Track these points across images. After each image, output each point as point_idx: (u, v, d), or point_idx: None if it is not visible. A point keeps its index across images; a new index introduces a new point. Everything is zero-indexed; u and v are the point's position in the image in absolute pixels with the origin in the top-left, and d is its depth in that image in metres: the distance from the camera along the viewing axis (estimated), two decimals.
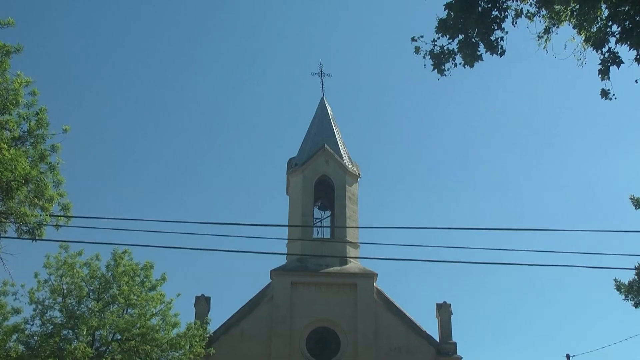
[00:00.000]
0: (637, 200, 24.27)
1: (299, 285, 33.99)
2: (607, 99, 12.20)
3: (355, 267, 34.84)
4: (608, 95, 12.23)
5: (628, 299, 24.23)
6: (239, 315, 33.73)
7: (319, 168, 37.27)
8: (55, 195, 16.83)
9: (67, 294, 24.35)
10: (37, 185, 16.34)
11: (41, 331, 23.64)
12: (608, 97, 12.21)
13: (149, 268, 25.92)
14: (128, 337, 23.59)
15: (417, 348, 33.19)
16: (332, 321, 33.49)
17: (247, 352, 32.38)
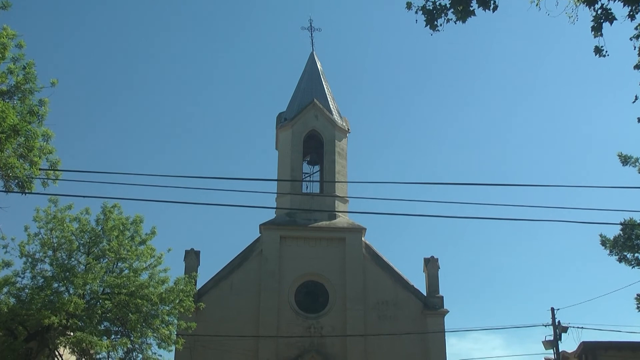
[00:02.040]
0: (625, 157, 24.46)
1: (288, 239, 34.23)
2: (600, 56, 12.19)
3: (343, 222, 35.08)
4: (601, 52, 12.22)
5: (613, 254, 24.61)
6: (228, 269, 34.02)
7: (308, 123, 37.21)
8: (45, 146, 16.78)
9: (58, 248, 24.40)
10: (26, 138, 16.29)
11: (32, 284, 23.75)
12: (601, 54, 12.20)
13: (138, 222, 25.94)
14: (119, 292, 23.73)
15: (404, 302, 33.67)
16: (320, 275, 33.85)
17: (237, 305, 32.75)
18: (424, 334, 32.59)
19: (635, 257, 24.49)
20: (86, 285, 23.15)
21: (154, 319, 24.28)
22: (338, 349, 32.23)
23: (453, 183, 29.18)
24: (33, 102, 16.70)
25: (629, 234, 24.24)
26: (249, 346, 31.64)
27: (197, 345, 30.09)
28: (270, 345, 31.77)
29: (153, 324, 24.02)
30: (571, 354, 33.57)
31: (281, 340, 31.99)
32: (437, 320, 33.21)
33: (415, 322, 33.09)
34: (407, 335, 32.21)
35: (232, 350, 30.99)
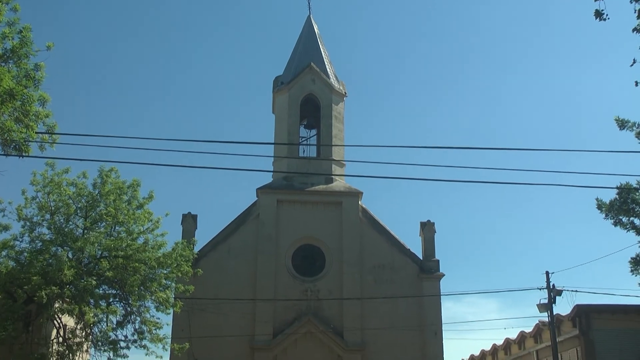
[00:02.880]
0: (622, 121, 24.46)
1: (285, 203, 34.31)
2: (600, 20, 12.08)
3: (340, 186, 35.14)
4: (601, 15, 12.11)
5: (608, 218, 24.77)
6: (225, 232, 34.14)
7: (305, 86, 37.03)
8: (41, 111, 16.69)
9: (55, 211, 24.42)
10: (23, 102, 16.20)
11: (30, 247, 23.83)
12: (601, 18, 12.10)
13: (135, 186, 25.92)
14: (116, 255, 23.81)
15: (400, 265, 33.90)
16: (317, 239, 34.01)
17: (234, 269, 32.95)
18: (419, 297, 32.88)
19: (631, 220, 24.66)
20: (84, 249, 23.21)
21: (152, 283, 24.41)
22: (334, 312, 32.53)
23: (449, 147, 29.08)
24: (29, 66, 16.56)
25: (625, 198, 24.38)
26: (246, 309, 31.89)
27: (194, 309, 30.35)
28: (267, 308, 32.05)
29: (151, 287, 24.16)
30: (565, 316, 34.00)
31: (278, 303, 32.26)
32: (432, 283, 33.49)
33: (411, 286, 33.35)
34: (403, 298, 32.50)
35: (230, 313, 31.26)
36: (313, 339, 31.92)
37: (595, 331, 32.22)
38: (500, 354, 44.79)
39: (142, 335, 24.69)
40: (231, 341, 31.16)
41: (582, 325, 32.38)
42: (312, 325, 31.88)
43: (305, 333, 31.91)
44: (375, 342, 32.08)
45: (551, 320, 31.24)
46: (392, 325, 31.98)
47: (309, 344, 31.93)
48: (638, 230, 24.51)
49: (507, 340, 43.55)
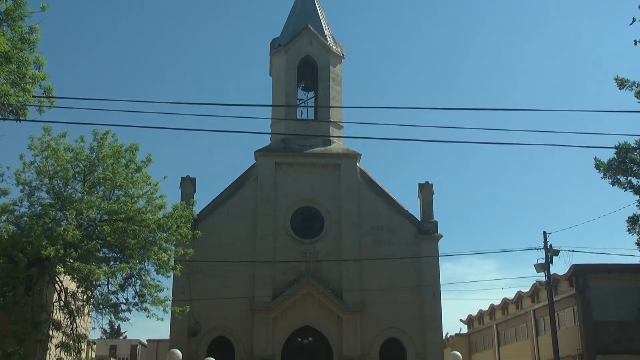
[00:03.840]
0: (622, 81, 24.33)
1: (283, 165, 34.32)
2: None
3: (338, 148, 35.12)
4: None
5: (606, 177, 24.77)
6: (224, 195, 34.21)
7: (302, 48, 36.74)
8: (37, 74, 16.53)
9: (54, 176, 24.36)
10: (18, 65, 16.03)
11: (30, 212, 23.83)
12: None
13: (133, 150, 25.81)
14: (116, 218, 23.83)
15: (399, 227, 34.05)
16: (316, 201, 34.09)
17: (233, 231, 33.08)
18: (418, 258, 33.10)
19: (628, 180, 24.69)
20: (83, 213, 23.22)
21: (152, 246, 24.48)
22: (333, 273, 32.77)
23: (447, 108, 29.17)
24: (24, 28, 16.34)
25: (623, 158, 24.36)
26: (246, 271, 32.12)
27: (194, 271, 30.56)
28: (266, 270, 32.27)
29: (151, 250, 24.24)
30: (562, 276, 34.30)
31: (277, 265, 32.47)
32: (431, 244, 33.69)
33: (409, 247, 33.55)
34: (401, 259, 32.72)
35: (229, 275, 31.50)
36: (312, 301, 32.21)
37: (591, 290, 32.55)
38: (498, 314, 45.29)
39: (143, 297, 24.81)
40: (231, 303, 31.46)
41: (579, 285, 32.69)
42: (312, 287, 32.14)
43: (305, 294, 32.19)
44: (374, 303, 32.39)
45: (548, 280, 31.50)
46: (390, 286, 32.26)
47: (308, 306, 32.24)
48: (636, 190, 24.55)
49: (504, 300, 43.99)
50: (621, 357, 31.14)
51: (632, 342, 31.53)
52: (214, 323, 31.78)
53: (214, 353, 29.75)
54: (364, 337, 32.07)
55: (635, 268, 32.52)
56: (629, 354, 31.25)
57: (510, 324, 42.28)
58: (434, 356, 30.90)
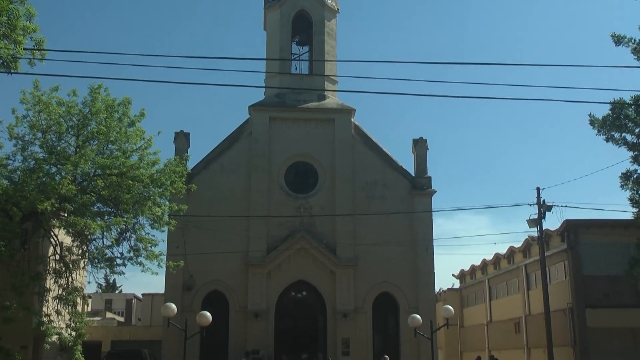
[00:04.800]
0: (618, 37, 24.12)
1: (278, 120, 34.20)
2: None
3: (333, 103, 34.98)
4: None
5: (600, 134, 24.73)
6: (218, 150, 34.15)
7: (297, 2, 36.29)
8: (28, 25, 16.29)
9: (47, 130, 24.16)
10: (9, 17, 15.79)
11: (23, 166, 23.70)
12: None
13: (126, 104, 25.57)
14: (110, 173, 23.75)
15: (393, 182, 34.14)
16: (310, 156, 34.09)
17: (227, 186, 33.13)
18: (411, 213, 33.26)
19: (623, 136, 24.65)
20: (77, 167, 23.13)
21: (146, 201, 24.46)
22: (327, 228, 32.95)
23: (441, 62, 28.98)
24: None
25: (618, 114, 24.29)
26: (240, 226, 32.26)
27: (189, 226, 30.65)
28: (261, 225, 32.41)
29: (145, 205, 24.23)
30: (554, 231, 34.54)
31: (272, 220, 32.62)
32: (424, 200, 33.84)
33: (403, 202, 33.70)
34: (395, 214, 32.88)
35: (224, 230, 31.62)
36: (306, 255, 32.45)
37: (582, 245, 32.82)
38: (490, 269, 45.71)
39: (137, 252, 24.87)
40: (225, 258, 31.67)
41: (570, 240, 32.95)
42: (306, 242, 32.35)
43: (299, 249, 32.41)
44: (368, 258, 32.67)
45: (540, 235, 31.73)
46: (384, 241, 32.48)
47: (302, 260, 32.50)
48: (630, 146, 24.53)
49: (496, 255, 44.36)
50: (610, 311, 31.58)
51: (621, 297, 31.95)
52: (209, 277, 32.05)
53: (209, 307, 30.01)
54: (357, 291, 32.42)
55: (627, 223, 32.71)
56: (618, 308, 31.70)
57: (502, 279, 42.70)
58: (426, 310, 31.26)
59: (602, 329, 31.54)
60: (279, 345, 31.43)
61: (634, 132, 24.75)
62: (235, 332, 31.68)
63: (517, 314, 39.41)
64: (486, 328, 44.41)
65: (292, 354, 30.15)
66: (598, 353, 30.90)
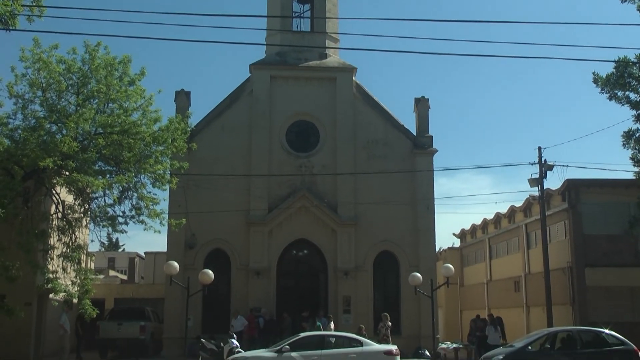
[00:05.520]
0: None
1: (279, 79, 34.03)
2: None
3: (334, 61, 34.76)
4: None
5: (604, 92, 24.57)
6: (219, 109, 34.05)
7: None
8: None
9: (47, 88, 24.02)
10: None
11: (24, 125, 23.64)
12: None
13: (126, 62, 25.36)
14: (111, 131, 23.69)
15: (394, 141, 34.11)
16: (311, 114, 34.01)
17: (228, 145, 33.12)
18: (412, 172, 33.28)
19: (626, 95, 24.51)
20: (78, 125, 23.07)
21: (148, 159, 24.46)
22: (328, 187, 33.02)
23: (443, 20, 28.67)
24: None
25: (622, 72, 24.10)
26: (242, 185, 32.34)
27: (190, 185, 30.76)
28: (262, 184, 32.49)
29: (147, 163, 24.23)
30: (555, 191, 34.60)
31: (273, 178, 32.68)
32: (426, 159, 33.84)
33: (404, 161, 33.71)
34: (396, 173, 32.90)
35: (225, 189, 31.71)
36: (307, 214, 32.58)
37: (583, 205, 32.88)
38: (490, 228, 45.91)
39: (139, 210, 24.94)
40: (227, 216, 31.81)
41: (571, 199, 33.00)
42: (307, 200, 32.44)
43: (300, 208, 32.52)
44: (369, 217, 32.81)
45: (541, 195, 31.79)
46: (385, 200, 32.57)
47: (303, 219, 32.64)
48: (633, 105, 24.39)
49: (497, 215, 44.51)
50: (609, 270, 31.79)
51: (621, 256, 32.13)
52: (211, 236, 32.23)
53: (211, 265, 30.30)
54: (358, 249, 32.63)
55: (628, 183, 32.74)
56: (617, 267, 31.90)
57: (502, 238, 42.87)
58: (427, 269, 31.51)
59: (601, 287, 31.81)
60: (280, 303, 31.76)
61: (638, 90, 24.60)
62: (237, 290, 31.98)
63: (517, 272, 39.69)
64: (486, 287, 44.77)
65: (294, 312, 30.45)
66: (596, 311, 31.19)
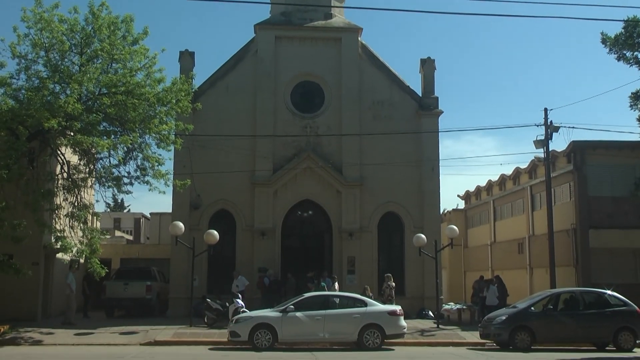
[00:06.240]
0: None
1: (284, 39, 33.76)
2: None
3: (340, 22, 34.42)
4: None
5: (612, 52, 24.33)
6: (223, 70, 33.85)
7: None
8: None
9: (49, 48, 23.85)
10: None
11: (28, 85, 23.54)
12: None
13: (129, 21, 25.16)
14: (115, 91, 23.60)
15: (399, 102, 33.93)
16: (316, 75, 33.81)
17: (233, 105, 33.00)
18: (418, 133, 33.17)
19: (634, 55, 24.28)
20: (82, 86, 22.97)
21: (152, 119, 24.40)
22: (333, 148, 32.97)
23: None
24: None
25: (631, 32, 23.82)
26: (246, 146, 32.30)
27: (195, 145, 30.75)
28: (267, 144, 32.45)
29: (152, 123, 24.17)
30: (560, 152, 34.50)
31: (278, 139, 32.63)
32: (431, 120, 33.68)
33: (409, 122, 33.57)
34: (401, 135, 32.79)
35: (230, 149, 31.68)
36: (312, 175, 32.59)
37: (588, 166, 32.81)
38: (495, 190, 45.90)
39: (144, 171, 24.98)
40: (232, 177, 31.84)
41: (577, 161, 32.91)
42: (312, 161, 32.43)
43: (305, 169, 32.52)
44: (373, 178, 32.82)
45: (547, 156, 31.69)
46: (390, 161, 32.53)
47: (308, 180, 32.67)
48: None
49: (502, 176, 44.46)
50: (613, 232, 31.85)
51: (625, 217, 32.15)
52: (216, 197, 32.31)
53: (216, 225, 30.46)
54: (363, 210, 32.71)
55: (634, 145, 32.64)
56: (621, 229, 31.94)
57: (507, 200, 42.90)
58: (431, 230, 31.57)
59: (604, 249, 31.91)
60: (285, 264, 31.96)
61: None
62: (242, 251, 32.17)
63: (521, 234, 39.80)
64: (490, 248, 44.96)
65: (298, 273, 30.65)
66: (599, 273, 31.33)
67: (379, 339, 21.18)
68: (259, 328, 20.88)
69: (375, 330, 21.22)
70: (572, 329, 22.27)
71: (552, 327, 22.20)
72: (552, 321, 22.37)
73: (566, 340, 22.62)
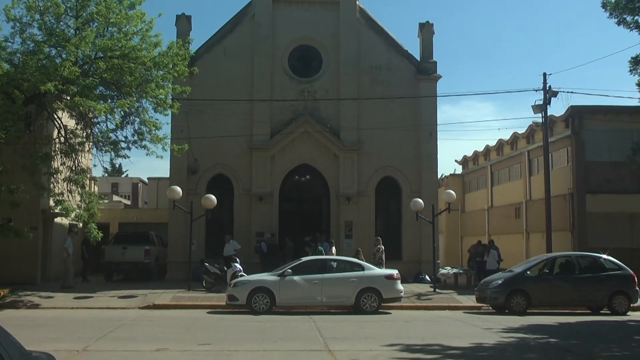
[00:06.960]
0: None
1: (281, 3, 33.46)
2: None
3: None
4: None
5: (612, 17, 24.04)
6: (220, 34, 33.59)
7: None
8: None
9: (44, 11, 23.58)
10: None
11: (23, 49, 23.35)
12: None
13: None
14: (111, 55, 23.40)
15: (397, 66, 33.73)
16: (314, 39, 33.56)
17: (230, 69, 32.80)
18: (416, 98, 33.04)
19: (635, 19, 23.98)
20: (78, 49, 22.77)
21: (149, 83, 24.24)
22: (331, 112, 32.87)
23: None
24: None
25: None
26: (244, 110, 32.21)
27: (192, 110, 30.65)
28: (264, 109, 32.35)
29: (148, 87, 24.02)
30: (559, 117, 34.43)
31: (275, 104, 32.50)
32: (429, 84, 33.53)
33: (407, 87, 33.42)
34: (399, 99, 32.67)
35: (227, 114, 31.58)
36: (310, 139, 32.55)
37: (586, 131, 32.78)
38: (493, 155, 45.89)
39: (141, 135, 24.90)
40: (229, 142, 31.82)
41: (574, 126, 32.87)
42: (309, 125, 32.36)
43: (303, 133, 32.47)
44: (371, 142, 32.78)
45: (544, 121, 31.63)
46: (387, 126, 32.47)
47: (306, 144, 32.64)
48: None
49: (499, 141, 44.41)
50: (610, 196, 31.94)
51: (622, 182, 32.21)
52: (213, 161, 32.30)
53: (213, 190, 30.47)
54: (361, 175, 32.74)
55: (632, 110, 32.57)
56: (617, 194, 32.03)
57: (504, 165, 42.91)
58: (429, 195, 31.63)
59: (601, 213, 32.03)
60: (282, 228, 32.07)
61: None
62: (240, 215, 32.26)
63: (518, 199, 39.91)
64: (487, 213, 45.11)
65: (296, 237, 30.79)
66: (595, 237, 31.49)
67: (376, 302, 21.38)
68: (257, 292, 21.06)
69: (373, 294, 21.40)
70: (568, 293, 22.48)
71: (548, 291, 22.41)
72: (548, 285, 22.58)
73: (561, 304, 22.86)
